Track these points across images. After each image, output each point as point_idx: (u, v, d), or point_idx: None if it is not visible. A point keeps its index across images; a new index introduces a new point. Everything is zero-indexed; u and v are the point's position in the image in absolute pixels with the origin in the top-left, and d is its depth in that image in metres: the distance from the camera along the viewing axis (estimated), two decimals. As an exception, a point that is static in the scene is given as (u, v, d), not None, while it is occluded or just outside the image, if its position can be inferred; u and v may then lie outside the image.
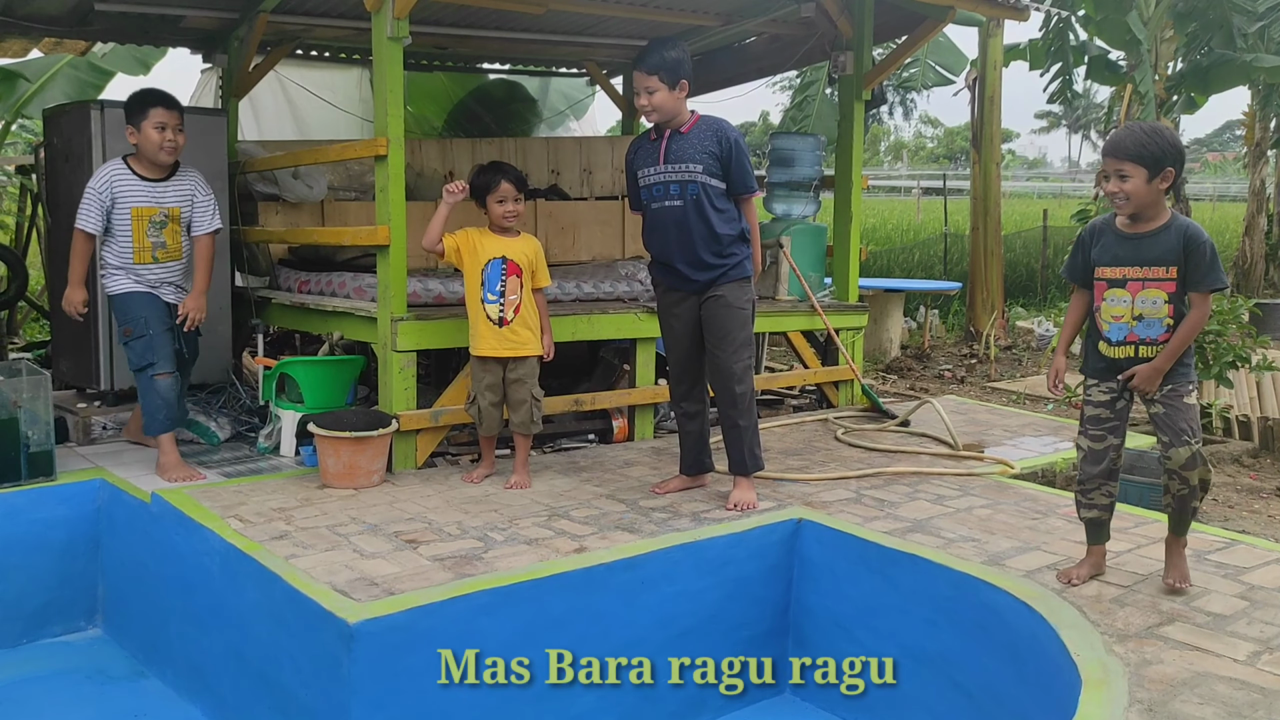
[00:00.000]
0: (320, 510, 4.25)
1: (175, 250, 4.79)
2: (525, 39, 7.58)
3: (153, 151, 4.64)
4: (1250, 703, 2.73)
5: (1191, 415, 3.42)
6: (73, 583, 4.53)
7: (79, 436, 5.43)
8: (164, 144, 4.63)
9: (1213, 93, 11.35)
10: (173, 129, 4.65)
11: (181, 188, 4.79)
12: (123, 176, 4.67)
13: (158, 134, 4.62)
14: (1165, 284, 3.36)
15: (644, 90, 4.29)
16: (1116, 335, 3.44)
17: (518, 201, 4.61)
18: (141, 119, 4.62)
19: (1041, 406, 7.43)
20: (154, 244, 4.71)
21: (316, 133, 8.54)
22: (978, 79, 11.08)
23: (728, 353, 4.37)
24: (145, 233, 4.69)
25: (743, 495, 4.37)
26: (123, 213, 4.65)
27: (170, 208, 4.74)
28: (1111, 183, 3.37)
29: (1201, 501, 3.51)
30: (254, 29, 6.27)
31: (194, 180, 4.85)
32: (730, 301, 4.37)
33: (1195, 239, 3.33)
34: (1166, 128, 3.38)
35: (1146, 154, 3.28)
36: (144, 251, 4.70)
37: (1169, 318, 3.38)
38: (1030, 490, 4.77)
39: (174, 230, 4.77)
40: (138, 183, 4.69)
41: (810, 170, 7.04)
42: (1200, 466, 3.41)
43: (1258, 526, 5.03)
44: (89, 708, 3.99)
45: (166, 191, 4.75)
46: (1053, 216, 15.76)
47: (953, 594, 3.59)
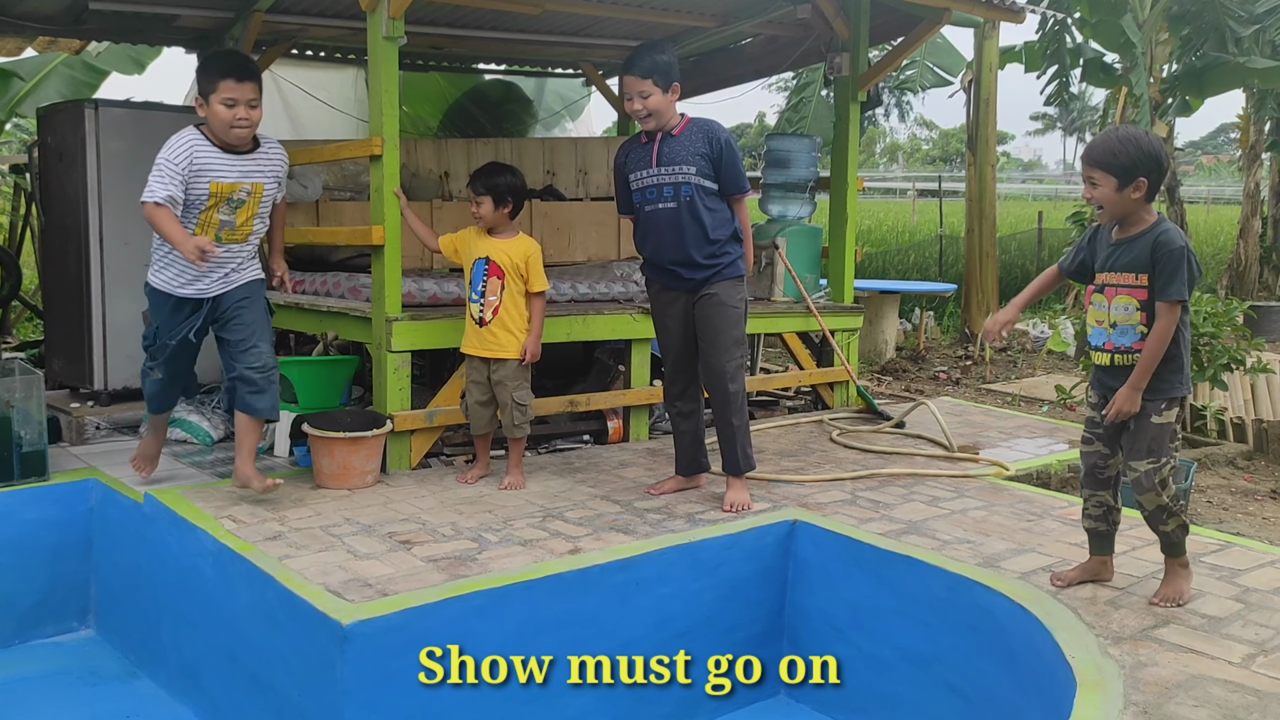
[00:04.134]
0: (314, 511, 4.24)
1: (243, 232, 4.22)
2: (521, 39, 7.58)
3: (222, 130, 4.03)
4: (1245, 705, 2.73)
5: (1155, 435, 3.29)
6: (65, 583, 4.51)
7: (72, 436, 5.41)
8: (235, 122, 4.01)
9: (1207, 96, 11.37)
10: (245, 105, 4.01)
11: (271, 161, 4.23)
12: (203, 147, 4.05)
13: (226, 111, 3.99)
14: (1135, 291, 3.28)
15: (637, 95, 4.26)
16: (1096, 340, 3.39)
17: (477, 205, 4.58)
18: (210, 91, 4.01)
19: (1036, 408, 7.43)
20: (222, 222, 4.14)
21: (311, 132, 8.52)
22: (973, 81, 11.10)
23: (720, 352, 4.37)
24: (217, 210, 4.11)
25: (737, 496, 4.37)
26: (200, 188, 4.05)
27: (255, 183, 4.16)
28: (1086, 188, 3.34)
29: (1169, 525, 3.36)
30: (249, 28, 6.26)
31: (282, 152, 4.33)
32: (723, 300, 4.36)
33: (1163, 246, 3.21)
34: (1144, 134, 3.26)
35: (1115, 163, 3.21)
36: (209, 228, 4.12)
37: (1142, 325, 3.28)
38: (1025, 492, 4.77)
39: (250, 210, 4.19)
40: (219, 154, 4.07)
41: (806, 172, 7.04)
42: (1149, 492, 3.29)
43: (1252, 529, 5.03)
44: (81, 709, 3.97)
45: (252, 165, 4.16)
46: (1048, 219, 15.79)
47: (948, 596, 3.58)
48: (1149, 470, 3.29)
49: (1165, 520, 3.36)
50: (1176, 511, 3.37)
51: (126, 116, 5.65)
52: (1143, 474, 3.30)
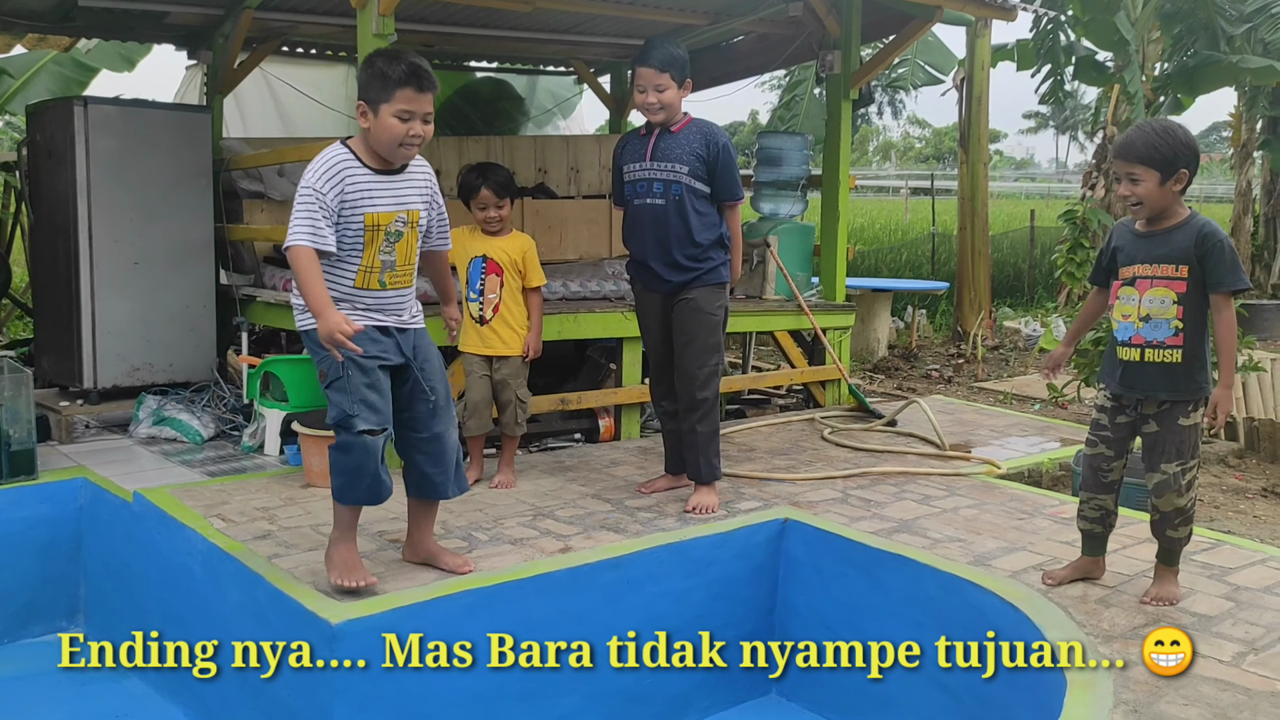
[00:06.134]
0: (304, 510, 4.22)
1: (405, 272, 3.43)
2: (512, 37, 7.57)
3: (389, 146, 3.29)
4: (1235, 704, 2.73)
5: (1184, 437, 3.27)
6: (54, 582, 4.49)
7: (61, 435, 5.39)
8: (407, 140, 3.28)
9: (1199, 94, 11.41)
10: (420, 120, 3.28)
11: (418, 181, 3.45)
12: (355, 169, 3.31)
13: (399, 125, 3.25)
14: (1174, 283, 3.21)
15: (653, 88, 4.20)
16: (1123, 335, 3.31)
17: (499, 208, 4.56)
18: (382, 100, 3.25)
19: (1028, 407, 7.44)
20: (384, 263, 3.36)
21: (302, 130, 8.51)
22: (965, 79, 11.10)
23: (692, 358, 4.32)
24: (379, 249, 3.34)
25: (702, 499, 4.31)
26: (354, 221, 3.28)
27: (411, 210, 3.40)
28: (1123, 186, 3.24)
29: (1180, 532, 3.35)
30: (239, 25, 6.24)
31: (427, 167, 3.53)
32: (701, 306, 4.31)
33: (1213, 237, 3.18)
34: (1179, 126, 3.22)
35: (1158, 156, 3.15)
36: (371, 273, 3.33)
37: (1178, 320, 3.22)
38: (1016, 490, 4.77)
39: (408, 243, 3.41)
40: (371, 177, 3.32)
41: (798, 169, 7.04)
42: (1171, 493, 3.28)
43: (1243, 527, 5.04)
44: (70, 708, 3.95)
45: (405, 188, 3.39)
46: (1040, 217, 15.81)
47: (939, 594, 3.58)
48: (1177, 472, 3.28)
49: (1177, 526, 3.34)
50: (1191, 517, 3.36)
51: (116, 114, 5.63)
52: (1170, 476, 3.28)
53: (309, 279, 3.17)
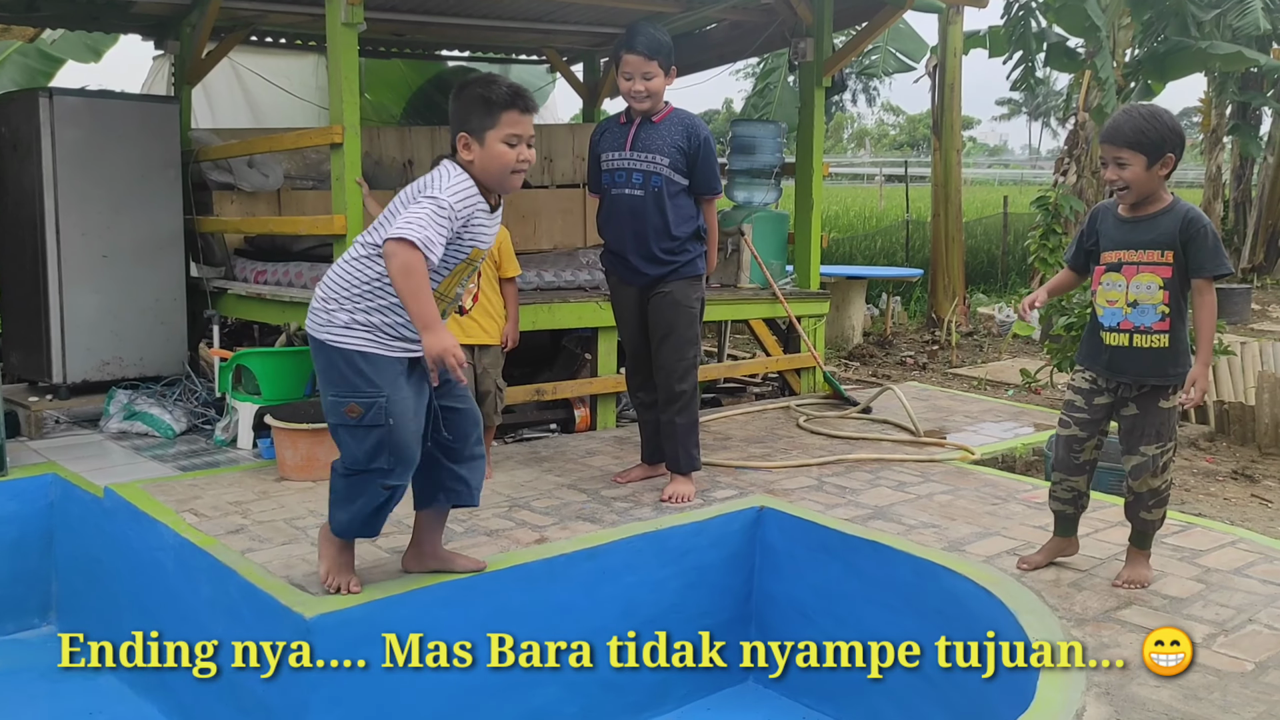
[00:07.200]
0: (278, 503, 4.20)
1: (456, 305, 3.41)
2: (484, 26, 7.52)
3: (499, 175, 3.10)
4: (1206, 685, 2.76)
5: (1164, 420, 3.31)
6: (25, 579, 4.45)
7: (31, 431, 5.33)
8: (518, 164, 3.11)
9: (1169, 80, 11.46)
10: (526, 142, 3.12)
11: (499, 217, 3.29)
12: (481, 206, 3.11)
13: (509, 152, 3.08)
14: (1160, 268, 3.25)
15: (640, 75, 4.14)
16: (1110, 320, 3.33)
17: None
18: (487, 126, 3.06)
19: (1002, 392, 7.48)
20: (457, 294, 3.26)
21: (272, 120, 8.43)
22: (938, 66, 11.11)
23: (670, 350, 4.31)
24: (459, 281, 3.20)
25: (678, 488, 4.30)
26: (461, 250, 3.11)
27: (490, 248, 3.30)
28: (1110, 170, 3.25)
29: (1154, 514, 3.38)
30: (206, 14, 6.18)
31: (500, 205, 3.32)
32: (678, 299, 4.29)
33: (1197, 222, 3.21)
34: (1165, 111, 3.24)
35: (1145, 140, 3.17)
36: (443, 304, 3.16)
37: (1164, 304, 3.25)
38: (990, 476, 4.80)
39: (475, 278, 3.43)
40: (487, 213, 3.15)
41: (771, 157, 7.04)
42: (1148, 475, 3.31)
43: (1214, 509, 5.08)
44: (43, 705, 3.92)
45: (496, 225, 3.27)
46: (1013, 203, 15.85)
47: (914, 580, 3.60)
48: (1156, 454, 3.32)
49: (1151, 508, 3.37)
50: (1166, 498, 3.38)
51: (82, 105, 5.57)
52: (1149, 458, 3.32)
53: (419, 287, 2.91)
